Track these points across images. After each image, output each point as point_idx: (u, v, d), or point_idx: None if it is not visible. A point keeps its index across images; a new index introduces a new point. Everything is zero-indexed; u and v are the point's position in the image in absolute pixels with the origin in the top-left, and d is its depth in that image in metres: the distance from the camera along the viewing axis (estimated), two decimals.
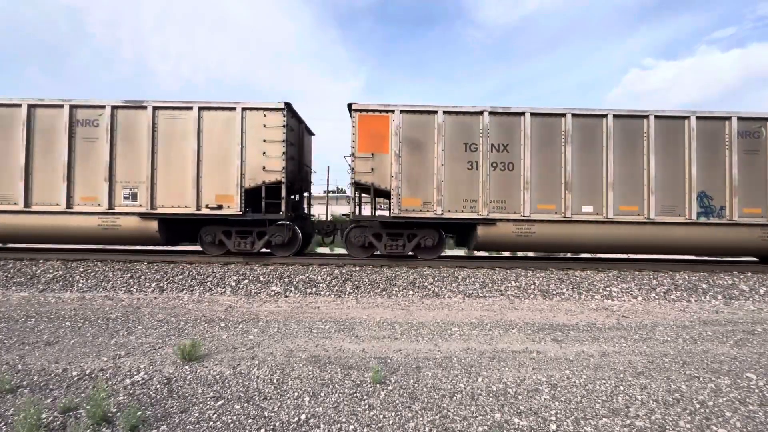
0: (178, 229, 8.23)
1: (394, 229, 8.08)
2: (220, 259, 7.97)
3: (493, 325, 5.01)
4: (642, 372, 3.54)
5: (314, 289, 6.87)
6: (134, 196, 7.75)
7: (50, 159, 7.68)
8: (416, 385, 3.20)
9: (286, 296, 6.68)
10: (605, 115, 7.72)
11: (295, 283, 7.02)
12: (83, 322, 4.84)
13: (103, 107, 7.71)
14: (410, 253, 8.24)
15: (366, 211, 9.10)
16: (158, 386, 3.11)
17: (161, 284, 6.93)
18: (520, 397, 3.02)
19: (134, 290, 6.77)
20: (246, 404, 2.86)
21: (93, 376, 3.26)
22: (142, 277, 7.13)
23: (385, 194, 8.13)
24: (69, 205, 7.67)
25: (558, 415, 2.76)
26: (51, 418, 2.60)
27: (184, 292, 6.75)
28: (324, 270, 7.47)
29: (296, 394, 3.02)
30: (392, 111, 7.72)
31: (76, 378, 3.23)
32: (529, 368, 3.59)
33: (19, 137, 7.66)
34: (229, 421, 2.63)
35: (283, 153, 7.76)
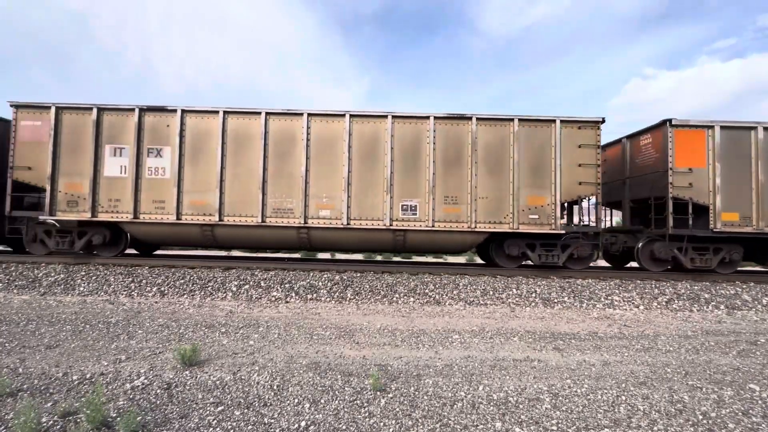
0: None
1: None
2: (231, 263, 7.98)
3: (494, 333, 4.99)
4: (644, 382, 3.51)
5: (315, 295, 6.87)
6: None
7: None
8: (417, 392, 3.19)
9: (287, 302, 6.67)
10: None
11: (296, 288, 7.01)
12: (84, 326, 4.84)
13: None
14: None
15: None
16: (158, 391, 3.10)
17: (162, 288, 6.93)
18: (521, 406, 3.00)
19: (135, 294, 6.78)
20: (246, 410, 2.85)
21: (93, 380, 3.26)
22: (143, 281, 7.14)
23: None
24: None
25: (559, 425, 2.74)
26: (51, 422, 2.60)
27: (185, 296, 6.75)
28: (325, 276, 7.47)
29: (296, 400, 3.01)
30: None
31: (76, 382, 3.23)
32: (530, 377, 3.57)
33: None
34: (229, 427, 2.62)
35: None
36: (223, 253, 13.47)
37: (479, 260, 12.18)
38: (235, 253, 13.30)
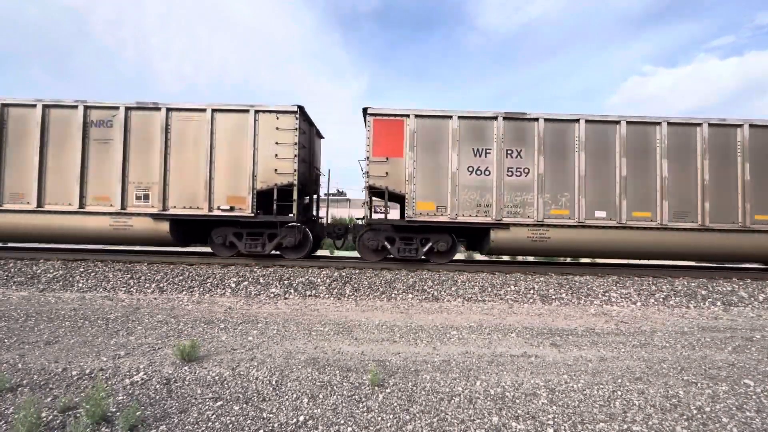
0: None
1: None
2: (230, 260, 8.00)
3: (492, 329, 5.02)
4: (640, 377, 3.54)
5: (314, 292, 6.89)
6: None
7: None
8: (414, 388, 3.21)
9: (286, 298, 6.69)
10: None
11: (294, 285, 7.03)
12: (83, 322, 4.86)
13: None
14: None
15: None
16: (157, 386, 3.12)
17: (161, 285, 6.94)
18: (518, 401, 3.03)
19: (134, 291, 6.79)
20: (245, 405, 2.87)
21: (92, 375, 3.27)
22: (142, 277, 7.15)
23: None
24: None
25: (555, 420, 2.76)
26: (51, 417, 2.61)
27: (184, 293, 6.76)
28: (324, 272, 7.48)
29: (295, 395, 3.03)
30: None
31: (75, 377, 3.24)
32: (527, 372, 3.60)
33: None
34: (228, 421, 2.64)
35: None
36: None
37: (479, 257, 12.23)
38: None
